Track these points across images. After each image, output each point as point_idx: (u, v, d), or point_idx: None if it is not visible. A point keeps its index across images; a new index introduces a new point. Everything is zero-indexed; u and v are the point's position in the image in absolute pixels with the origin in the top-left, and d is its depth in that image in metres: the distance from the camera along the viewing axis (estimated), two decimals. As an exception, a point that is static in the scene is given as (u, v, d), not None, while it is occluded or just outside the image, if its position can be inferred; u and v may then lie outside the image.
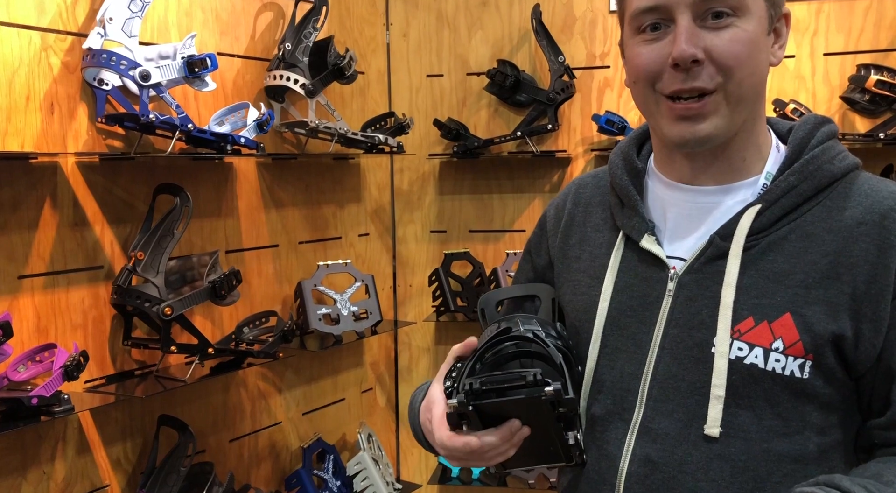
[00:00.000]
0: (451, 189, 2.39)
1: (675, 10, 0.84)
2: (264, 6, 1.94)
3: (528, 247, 1.12)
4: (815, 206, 0.87)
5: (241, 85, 1.88)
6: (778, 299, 0.85)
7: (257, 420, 1.97)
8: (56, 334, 1.50)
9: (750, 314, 0.85)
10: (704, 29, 0.84)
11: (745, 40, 0.84)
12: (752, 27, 0.85)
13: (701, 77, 0.84)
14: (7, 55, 1.41)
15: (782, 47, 0.90)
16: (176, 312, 1.54)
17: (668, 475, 0.87)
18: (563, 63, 2.14)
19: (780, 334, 0.84)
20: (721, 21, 0.84)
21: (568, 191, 1.08)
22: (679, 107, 0.86)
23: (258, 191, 1.95)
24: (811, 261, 0.85)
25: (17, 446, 1.44)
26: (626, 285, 0.94)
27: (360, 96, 2.26)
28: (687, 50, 0.83)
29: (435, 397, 0.87)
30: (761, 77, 0.88)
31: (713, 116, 0.86)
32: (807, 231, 0.86)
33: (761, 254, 0.87)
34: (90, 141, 1.56)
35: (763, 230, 0.87)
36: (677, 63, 0.84)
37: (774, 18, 0.88)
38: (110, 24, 1.48)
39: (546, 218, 1.09)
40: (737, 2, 0.84)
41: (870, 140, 1.95)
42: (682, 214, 0.93)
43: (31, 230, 1.47)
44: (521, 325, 0.90)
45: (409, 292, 2.44)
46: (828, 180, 0.88)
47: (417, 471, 2.47)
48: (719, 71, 0.84)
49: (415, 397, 1.03)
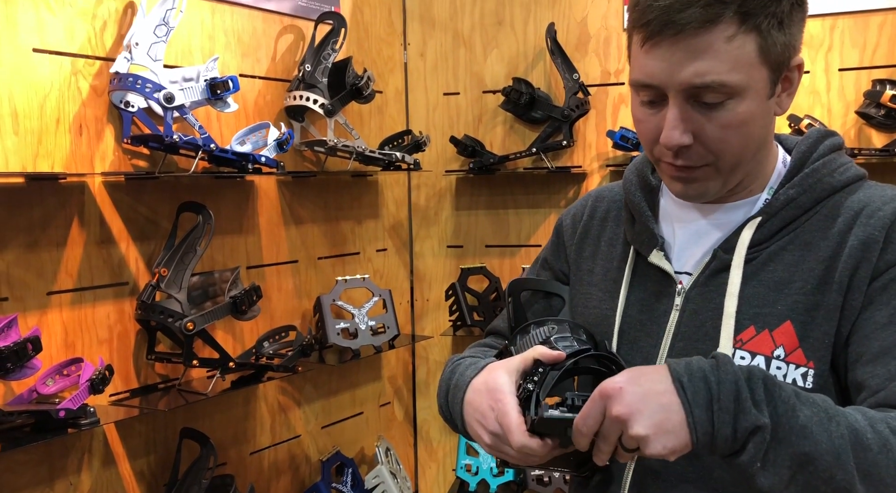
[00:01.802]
0: (467, 205, 2.41)
1: (668, 91, 0.83)
2: (285, 28, 1.99)
3: (543, 256, 1.12)
4: (814, 216, 0.88)
5: (262, 105, 1.93)
6: (778, 308, 0.86)
7: (277, 433, 2.00)
8: (83, 349, 1.55)
9: (751, 323, 0.86)
10: (697, 111, 0.83)
11: (738, 123, 0.83)
12: (747, 106, 0.82)
13: (691, 157, 0.85)
14: (39, 80, 1.47)
15: (791, 94, 0.88)
16: (198, 327, 1.58)
17: (669, 484, 0.88)
18: (578, 80, 2.17)
19: (781, 342, 0.85)
20: (711, 105, 0.82)
21: (585, 202, 1.09)
22: (673, 171, 0.88)
23: (278, 208, 2.00)
24: (808, 268, 0.86)
25: (45, 457, 1.49)
26: (637, 300, 0.96)
27: (378, 115, 2.30)
28: (673, 138, 0.83)
29: (504, 387, 0.84)
30: (759, 141, 0.87)
31: (705, 182, 0.87)
32: (805, 240, 0.88)
33: (762, 265, 0.88)
34: (116, 161, 1.61)
35: (764, 242, 0.89)
36: (670, 149, 0.85)
37: (780, 78, 0.85)
38: (136, 49, 1.54)
39: (562, 227, 1.10)
40: (730, 88, 0.81)
41: (886, 155, 1.95)
42: (690, 229, 0.95)
43: (59, 248, 1.52)
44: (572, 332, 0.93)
45: (426, 307, 2.46)
46: (827, 192, 0.89)
47: (435, 485, 2.48)
48: (710, 152, 0.84)
49: (457, 367, 0.97)
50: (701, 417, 0.72)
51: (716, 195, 0.90)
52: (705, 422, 0.72)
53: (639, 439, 0.72)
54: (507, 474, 2.22)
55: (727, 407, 0.72)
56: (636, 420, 0.72)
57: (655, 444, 0.72)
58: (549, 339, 0.92)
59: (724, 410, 0.72)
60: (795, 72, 0.87)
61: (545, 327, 0.95)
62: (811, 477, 0.73)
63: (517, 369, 0.85)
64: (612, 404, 0.73)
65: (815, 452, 0.72)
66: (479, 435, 0.86)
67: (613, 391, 0.73)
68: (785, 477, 0.74)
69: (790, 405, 0.73)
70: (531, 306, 1.08)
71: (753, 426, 0.72)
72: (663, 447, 0.72)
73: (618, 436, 0.74)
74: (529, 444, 0.80)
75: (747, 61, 0.81)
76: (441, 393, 0.97)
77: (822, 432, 0.73)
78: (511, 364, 0.86)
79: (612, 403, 0.73)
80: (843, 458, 0.73)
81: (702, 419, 0.72)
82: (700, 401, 0.72)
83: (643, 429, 0.72)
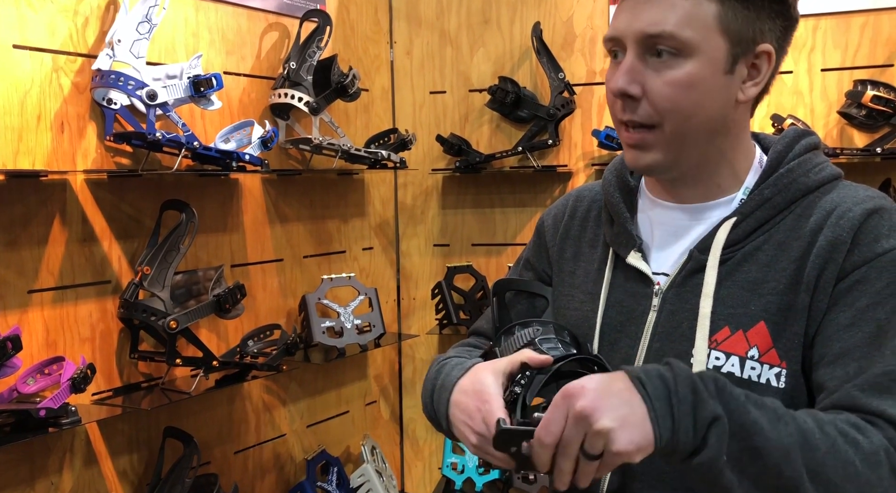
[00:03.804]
0: (453, 203, 2.42)
1: (625, 42, 0.86)
2: (270, 26, 1.99)
3: (526, 256, 1.11)
4: (788, 216, 0.89)
5: (246, 103, 1.92)
6: (752, 308, 0.86)
7: (262, 432, 2.00)
8: (64, 348, 1.54)
9: (726, 324, 0.87)
10: (649, 65, 0.85)
11: (683, 83, 0.84)
12: (696, 69, 0.84)
13: (637, 112, 0.87)
14: (20, 77, 1.46)
15: (758, 84, 0.88)
16: (181, 325, 1.57)
17: (646, 485, 0.89)
18: (564, 79, 2.18)
19: (754, 342, 0.86)
20: (662, 60, 0.84)
21: (566, 202, 1.09)
22: (625, 135, 0.90)
23: (263, 206, 1.99)
24: (781, 268, 0.87)
25: (25, 457, 1.47)
26: (616, 301, 0.96)
27: (364, 113, 2.30)
28: (618, 84, 0.86)
29: (491, 389, 0.84)
30: (710, 117, 0.86)
31: (653, 150, 0.88)
32: (779, 240, 0.88)
33: (737, 265, 0.89)
34: (99, 159, 1.60)
35: (739, 242, 0.89)
36: (614, 94, 0.87)
37: (740, 56, 0.86)
38: (119, 46, 1.53)
39: (544, 227, 1.10)
40: (680, 42, 0.83)
41: (868, 154, 1.97)
42: (668, 230, 0.95)
43: (40, 246, 1.51)
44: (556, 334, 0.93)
45: (412, 306, 2.46)
46: (801, 192, 0.89)
47: (421, 484, 2.48)
48: (656, 111, 0.86)
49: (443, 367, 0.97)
50: (662, 409, 0.72)
51: (667, 172, 0.90)
52: (666, 415, 0.72)
53: (604, 433, 0.71)
54: (493, 472, 2.22)
55: (686, 398, 0.72)
56: (601, 413, 0.71)
57: (621, 438, 0.71)
58: (533, 340, 0.92)
59: (683, 401, 0.72)
60: (764, 60, 0.88)
61: (530, 328, 0.95)
62: (761, 472, 0.74)
63: (504, 371, 0.85)
64: (575, 401, 0.72)
65: (766, 447, 0.73)
66: (465, 436, 0.86)
67: (576, 390, 0.73)
68: (738, 472, 0.74)
69: (741, 402, 0.74)
70: (515, 306, 1.08)
71: (712, 416, 0.72)
72: (629, 442, 0.71)
73: (581, 440, 0.73)
74: None
75: (703, 22, 0.84)
76: (426, 393, 0.97)
77: (772, 429, 0.73)
78: (498, 366, 0.86)
79: (576, 400, 0.72)
80: (792, 455, 0.73)
81: (663, 411, 0.72)
82: (659, 395, 0.73)
83: (609, 422, 0.71)
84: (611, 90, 0.88)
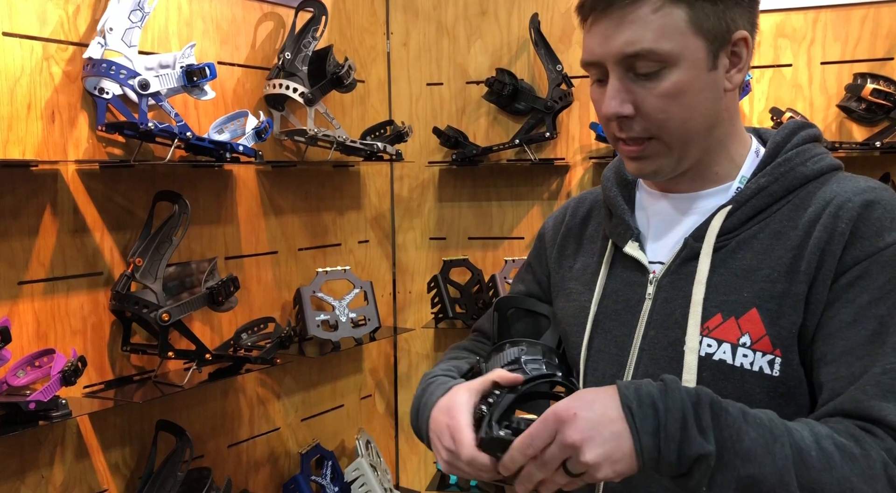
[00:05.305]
0: (450, 196, 2.40)
1: (606, 64, 0.86)
2: (264, 16, 1.96)
3: (529, 259, 1.15)
4: (785, 205, 0.89)
5: (241, 93, 1.90)
6: (745, 295, 0.86)
7: (256, 426, 1.99)
8: (56, 340, 1.52)
9: (718, 311, 0.87)
10: (636, 82, 0.85)
11: (675, 92, 0.84)
12: (684, 75, 0.84)
13: (634, 128, 0.87)
14: (9, 65, 1.43)
15: (742, 70, 0.88)
16: (173, 318, 1.55)
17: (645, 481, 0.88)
18: (561, 72, 2.16)
19: (746, 329, 0.85)
20: (647, 75, 0.84)
21: (566, 207, 1.12)
22: (624, 149, 0.90)
23: (258, 198, 1.97)
24: (777, 257, 0.86)
25: (15, 450, 1.46)
26: (612, 291, 0.97)
27: (360, 105, 2.28)
28: (611, 109, 0.86)
29: (460, 406, 0.86)
30: (704, 115, 0.87)
31: (656, 158, 0.89)
32: (775, 229, 0.88)
33: (731, 253, 0.88)
34: (90, 149, 1.58)
35: (734, 230, 0.89)
36: (608, 119, 0.88)
37: (719, 50, 0.86)
38: (111, 35, 1.51)
39: (545, 231, 1.13)
40: (660, 55, 0.83)
41: (867, 148, 1.96)
42: (664, 220, 0.96)
43: (31, 237, 1.49)
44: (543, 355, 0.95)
45: (408, 299, 2.45)
46: (799, 182, 0.89)
47: (416, 478, 2.47)
48: (652, 124, 0.86)
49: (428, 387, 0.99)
50: (648, 444, 0.74)
51: (672, 172, 0.91)
52: (652, 449, 0.74)
53: (589, 465, 0.74)
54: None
55: (673, 435, 0.74)
56: (589, 448, 0.74)
57: (605, 470, 0.74)
58: (518, 359, 0.93)
59: (671, 438, 0.74)
60: (742, 47, 0.88)
61: (517, 347, 0.97)
62: None
63: (477, 390, 0.88)
64: (565, 430, 0.74)
65: (760, 474, 0.75)
66: (437, 451, 0.89)
67: (568, 417, 0.75)
68: None
69: (735, 429, 0.75)
70: (515, 322, 1.10)
71: (697, 455, 0.74)
72: (613, 472, 0.75)
73: (562, 461, 0.76)
74: (478, 458, 0.82)
75: (677, 30, 0.83)
76: (413, 411, 1.01)
77: (767, 454, 0.75)
78: (473, 385, 0.89)
79: (566, 428, 0.74)
80: (787, 479, 0.75)
81: (649, 446, 0.74)
82: (648, 428, 0.74)
83: (595, 457, 0.74)
84: (604, 115, 0.88)
